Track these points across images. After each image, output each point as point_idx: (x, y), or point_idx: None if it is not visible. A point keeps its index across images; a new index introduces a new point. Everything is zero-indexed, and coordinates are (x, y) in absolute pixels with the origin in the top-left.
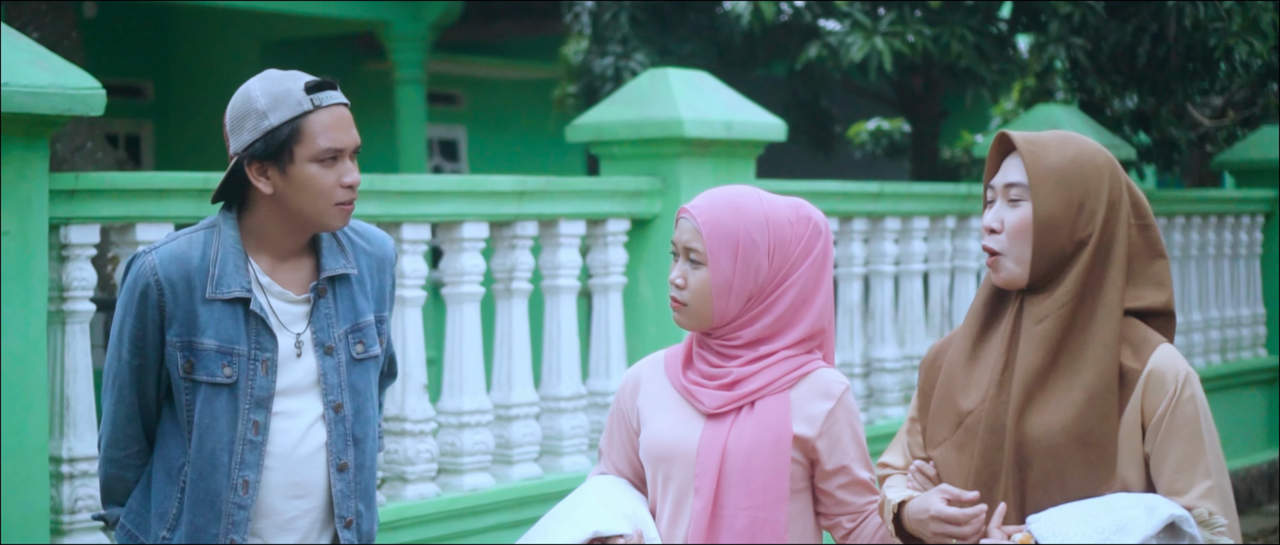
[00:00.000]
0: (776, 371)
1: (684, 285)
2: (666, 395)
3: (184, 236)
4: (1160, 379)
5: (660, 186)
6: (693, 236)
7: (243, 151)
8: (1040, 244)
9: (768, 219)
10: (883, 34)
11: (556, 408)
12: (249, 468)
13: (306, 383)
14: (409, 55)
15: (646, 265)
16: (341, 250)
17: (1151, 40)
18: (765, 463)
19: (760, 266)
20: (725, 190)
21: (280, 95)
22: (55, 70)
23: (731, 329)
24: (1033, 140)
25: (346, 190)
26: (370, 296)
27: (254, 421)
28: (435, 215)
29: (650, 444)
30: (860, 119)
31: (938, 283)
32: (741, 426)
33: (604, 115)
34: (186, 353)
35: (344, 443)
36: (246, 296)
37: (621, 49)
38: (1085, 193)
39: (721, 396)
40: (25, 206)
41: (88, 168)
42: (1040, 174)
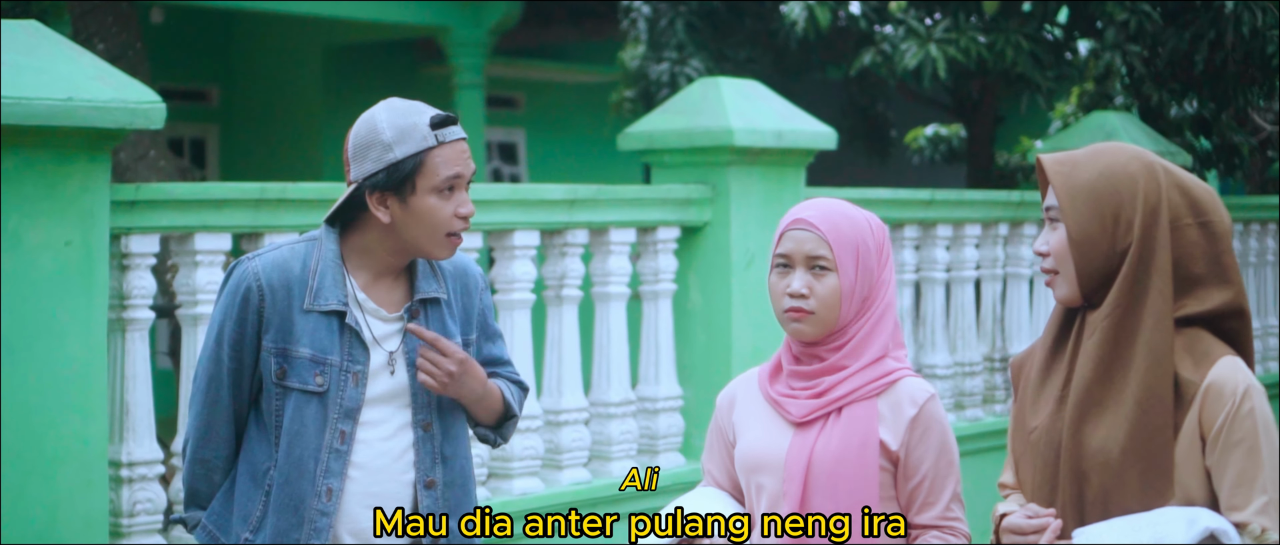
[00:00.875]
0: (863, 378)
1: (809, 294)
2: (759, 408)
3: (287, 246)
4: (1218, 392)
5: (710, 195)
6: (817, 245)
7: (365, 180)
8: (1081, 262)
9: (868, 223)
10: (937, 41)
11: (606, 413)
12: (334, 476)
13: (396, 398)
14: (468, 59)
15: (696, 272)
16: (434, 275)
17: (1209, 47)
18: (852, 468)
19: (872, 269)
20: (826, 200)
21: (407, 129)
22: (117, 85)
23: (840, 335)
24: (1062, 160)
25: (461, 221)
26: (458, 320)
27: (341, 431)
28: (487, 224)
29: (743, 456)
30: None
31: (990, 289)
32: (828, 434)
33: (655, 124)
34: (281, 359)
35: (432, 460)
36: (343, 309)
37: (677, 55)
38: (1119, 204)
39: (809, 405)
40: (88, 217)
41: (150, 176)
42: (1069, 193)
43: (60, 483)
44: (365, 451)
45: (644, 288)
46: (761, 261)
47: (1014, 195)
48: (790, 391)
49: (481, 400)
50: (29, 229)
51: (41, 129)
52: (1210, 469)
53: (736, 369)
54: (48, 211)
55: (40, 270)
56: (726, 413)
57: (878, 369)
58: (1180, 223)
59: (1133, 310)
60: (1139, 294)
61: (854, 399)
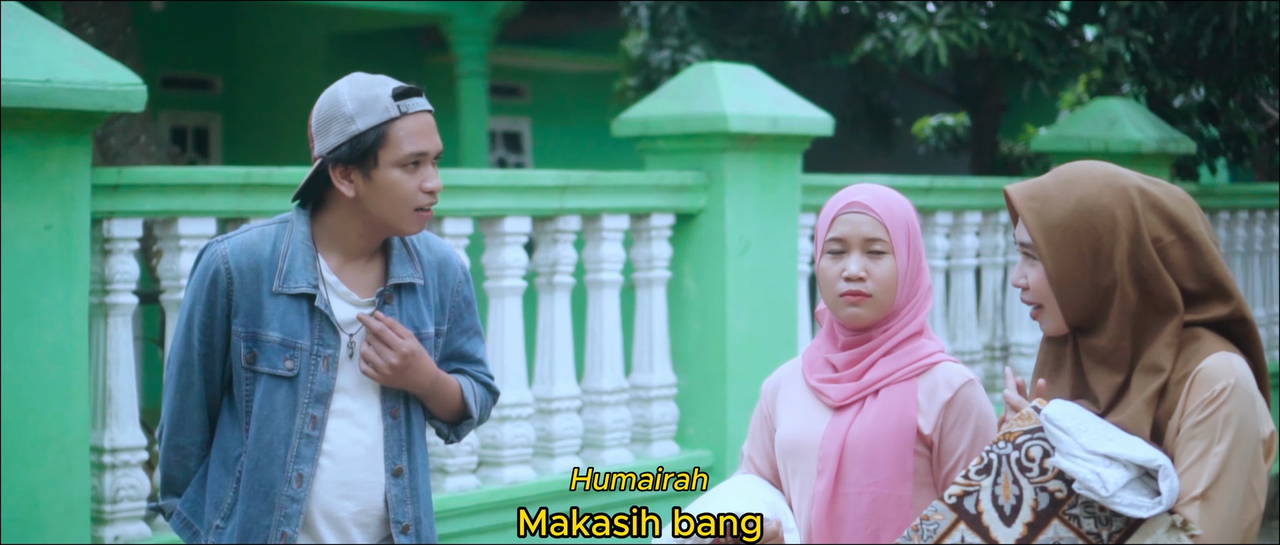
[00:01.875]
0: (901, 360)
1: (866, 277)
2: (800, 394)
3: (257, 229)
4: (1204, 380)
5: (705, 181)
6: (874, 227)
7: (328, 154)
8: (1064, 299)
9: (904, 206)
10: (938, 27)
11: (599, 401)
12: (304, 462)
13: (367, 385)
14: (471, 48)
15: (691, 259)
16: (411, 259)
17: (1213, 33)
18: (887, 444)
19: (920, 250)
20: (875, 185)
21: (368, 100)
22: (97, 67)
23: (889, 318)
24: (1032, 195)
25: (427, 196)
26: (432, 308)
27: (312, 416)
28: (478, 210)
29: (781, 440)
30: (922, 113)
31: (990, 277)
32: (865, 414)
33: (650, 109)
34: (250, 343)
35: (399, 448)
36: (312, 292)
37: (679, 42)
38: (1096, 240)
39: (847, 388)
40: (68, 201)
41: (141, 161)
42: (1043, 232)
43: (41, 469)
44: (338, 439)
45: (638, 275)
46: (756, 248)
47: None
48: (832, 377)
49: (431, 396)
50: (7, 212)
51: (19, 110)
52: (1173, 450)
53: (731, 357)
54: (26, 194)
55: (19, 254)
56: (770, 399)
57: (914, 350)
58: (1162, 243)
59: (1137, 337)
60: (1138, 326)
61: (891, 381)
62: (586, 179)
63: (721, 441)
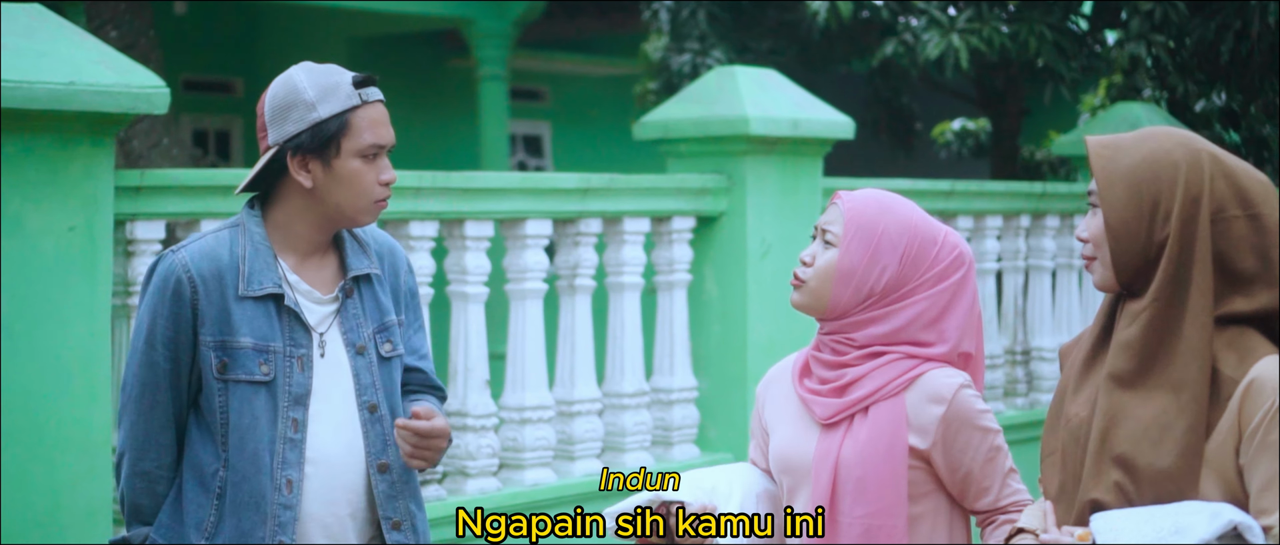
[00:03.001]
0: (888, 374)
1: (810, 263)
2: (789, 404)
3: (210, 235)
4: (1259, 389)
5: (726, 184)
6: (834, 218)
7: (286, 142)
8: (1116, 250)
9: (912, 226)
10: (959, 31)
11: (620, 404)
12: (292, 467)
13: (333, 384)
14: (492, 52)
15: (712, 263)
16: (363, 250)
17: (1235, 38)
18: (878, 470)
19: (888, 266)
20: (885, 192)
21: (329, 87)
22: (121, 69)
23: (845, 326)
24: (1106, 144)
25: (384, 188)
26: (389, 296)
27: (293, 419)
28: (499, 212)
29: (774, 455)
30: (943, 117)
31: (1011, 281)
32: (855, 435)
33: (671, 113)
34: (221, 353)
35: (382, 443)
36: (279, 292)
37: (699, 46)
38: (1157, 193)
39: (833, 404)
40: (91, 202)
41: (163, 163)
42: (1107, 179)
43: (62, 470)
44: (319, 441)
45: (659, 278)
46: (777, 252)
47: (1036, 187)
48: (816, 387)
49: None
50: (31, 214)
51: (43, 113)
52: (1243, 467)
53: (752, 360)
54: (50, 196)
55: (42, 255)
56: (762, 407)
57: (903, 364)
58: (1225, 214)
59: (1172, 304)
60: (1179, 287)
61: (879, 398)
62: (608, 182)
63: (742, 445)
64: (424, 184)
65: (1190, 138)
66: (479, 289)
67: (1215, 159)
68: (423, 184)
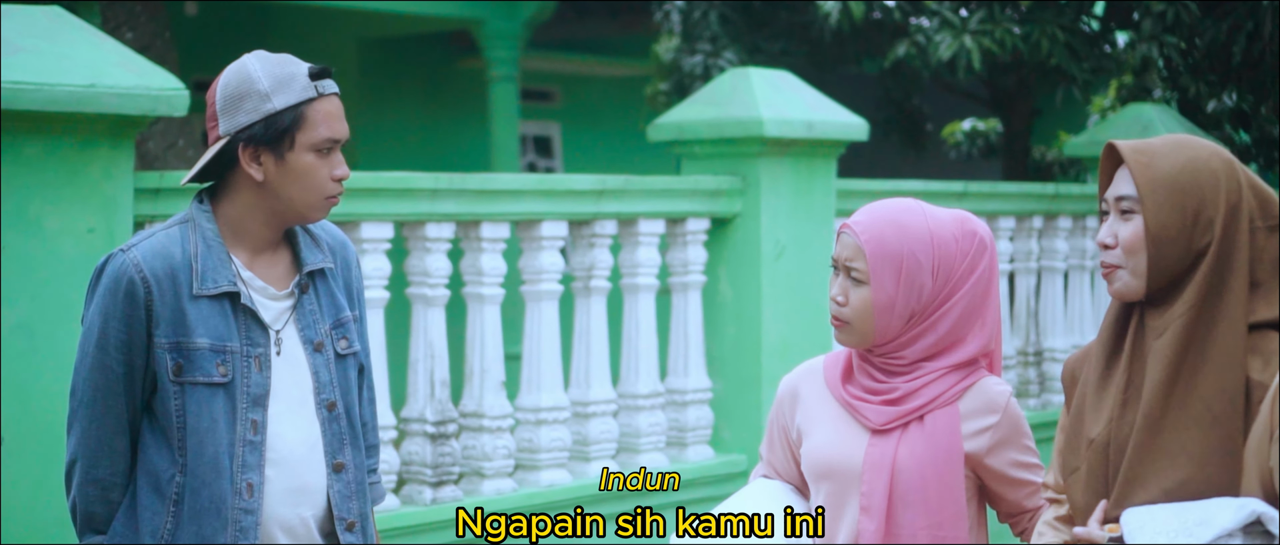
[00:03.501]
0: (943, 385)
1: (845, 302)
2: (828, 409)
3: (160, 232)
4: None
5: (740, 186)
6: (855, 254)
7: (238, 133)
8: (1156, 257)
9: (932, 236)
10: (972, 32)
11: (634, 405)
12: (252, 470)
13: (291, 383)
14: (503, 52)
15: (726, 264)
16: (316, 244)
17: (1247, 38)
18: (940, 478)
19: (924, 285)
20: (888, 205)
21: (284, 78)
22: (140, 71)
23: (894, 347)
24: (1141, 149)
25: (336, 184)
26: (343, 292)
27: (252, 420)
28: (515, 214)
29: (811, 458)
30: (954, 118)
31: (1024, 283)
32: (911, 442)
33: (685, 114)
34: (176, 354)
35: (339, 442)
36: (235, 291)
37: (711, 47)
38: (1201, 201)
39: (888, 412)
40: (110, 204)
41: (179, 166)
42: (1150, 184)
43: None
44: (279, 442)
45: (673, 279)
46: (792, 253)
47: (1048, 188)
48: (863, 396)
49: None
50: (51, 215)
51: (64, 115)
52: (1273, 468)
53: (766, 361)
54: (70, 198)
55: (62, 257)
56: (789, 407)
57: (956, 375)
58: (1254, 225)
59: (1208, 311)
60: (1215, 295)
61: (935, 406)
62: (622, 183)
63: (756, 446)
64: (441, 186)
65: (1218, 147)
66: (495, 290)
67: (1243, 170)
68: (439, 186)
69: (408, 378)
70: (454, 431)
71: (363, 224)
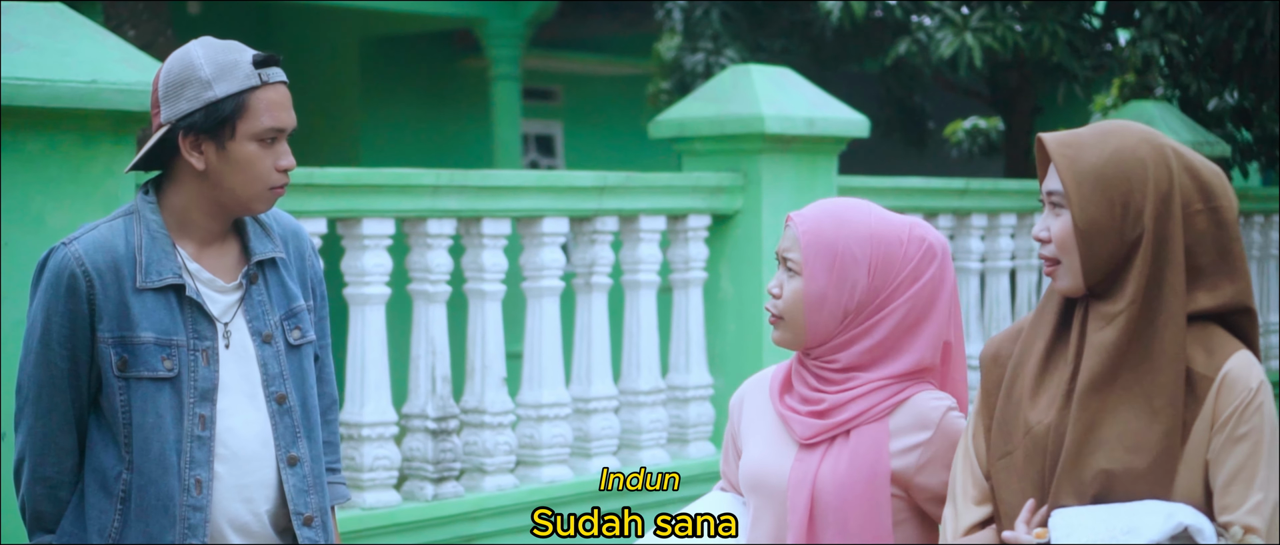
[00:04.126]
0: (874, 399)
1: (779, 294)
2: (766, 419)
3: (103, 224)
4: (1233, 383)
5: (741, 182)
6: (791, 244)
7: (178, 121)
8: (1086, 252)
9: (872, 234)
10: (973, 30)
11: (635, 402)
12: (200, 466)
13: (240, 376)
14: (505, 51)
15: (728, 261)
16: (267, 234)
17: (1248, 36)
18: (861, 499)
19: (858, 282)
20: (837, 202)
21: (227, 65)
22: (142, 68)
23: (828, 350)
24: (1067, 141)
25: (281, 174)
26: (296, 281)
27: (200, 416)
28: (516, 210)
29: (744, 472)
30: (955, 116)
31: (1025, 279)
32: (834, 459)
33: (687, 111)
34: (120, 349)
35: (292, 435)
36: (180, 283)
37: (712, 45)
38: (1128, 190)
39: (813, 425)
40: (112, 200)
41: None
42: (1075, 178)
43: None
44: (229, 437)
45: (674, 276)
46: None
47: None
48: (796, 406)
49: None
50: (53, 211)
51: (65, 111)
52: (1209, 461)
53: (767, 358)
54: (72, 194)
55: None
56: (737, 417)
57: (890, 389)
58: (1191, 209)
59: (1148, 304)
60: (1153, 287)
61: (863, 421)
62: (624, 180)
63: None
64: (442, 182)
65: (1151, 132)
66: (496, 287)
67: (1177, 153)
68: (440, 182)
69: (409, 374)
70: (455, 428)
71: (364, 220)
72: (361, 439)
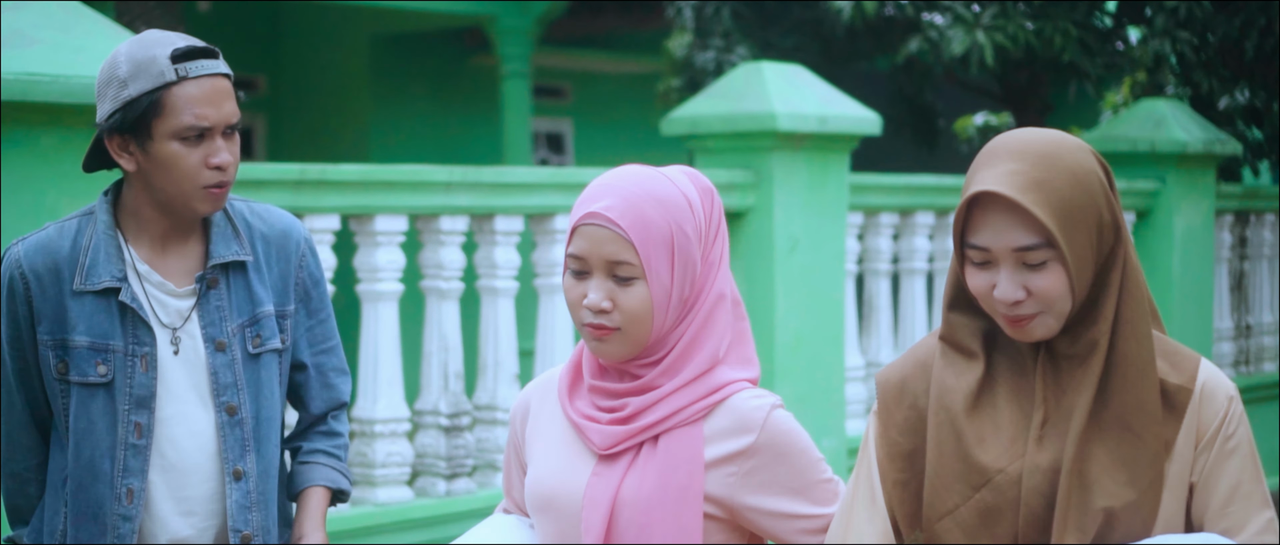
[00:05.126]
0: (686, 397)
1: (613, 308)
2: (555, 428)
3: (56, 225)
4: (1213, 394)
5: (753, 180)
6: (619, 247)
7: (103, 122)
8: (1080, 293)
9: (686, 198)
10: (984, 28)
11: None
12: (133, 475)
13: (188, 384)
14: (515, 49)
15: (739, 258)
16: (236, 235)
17: (1259, 35)
18: (670, 518)
19: (694, 261)
20: (624, 179)
21: (144, 62)
22: None
23: (660, 347)
24: (1027, 188)
25: (214, 172)
26: (269, 285)
27: (136, 423)
28: (529, 207)
29: (531, 489)
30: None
31: None
32: (640, 471)
33: (698, 108)
34: (59, 352)
35: (241, 448)
36: (117, 286)
37: (723, 43)
38: (1098, 211)
39: (614, 433)
40: None
41: None
42: (1058, 221)
43: None
44: (170, 448)
45: None
46: (805, 247)
47: None
48: (593, 412)
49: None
50: (67, 206)
51: (79, 107)
52: (1195, 482)
53: (779, 355)
54: (87, 190)
55: None
56: (520, 427)
57: (703, 385)
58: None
59: (1123, 320)
60: (1126, 297)
61: (673, 425)
62: None
63: None
64: (454, 179)
65: (1064, 135)
66: (509, 283)
67: (1091, 146)
68: (453, 179)
69: (422, 370)
70: (468, 424)
71: (377, 216)
72: (374, 435)
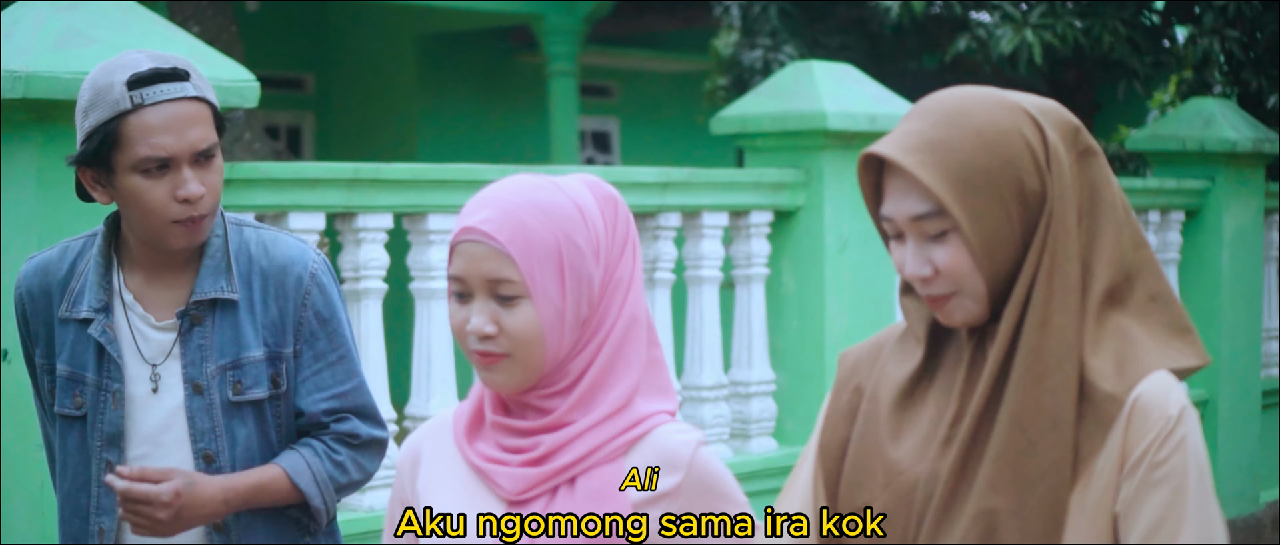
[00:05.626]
0: (604, 433)
1: (498, 332)
2: (454, 475)
3: (61, 245)
4: (1145, 412)
5: (804, 178)
6: (498, 263)
7: (71, 157)
8: (991, 270)
9: (578, 207)
10: (1033, 26)
11: (698, 397)
12: (106, 514)
13: (165, 427)
14: (562, 48)
15: (789, 256)
16: (227, 270)
17: None
18: None
19: (590, 276)
20: (505, 188)
21: (102, 89)
22: (211, 64)
23: (560, 375)
24: (916, 148)
25: (183, 205)
26: (260, 326)
27: (107, 461)
28: None
29: (432, 543)
30: None
31: None
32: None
33: (748, 107)
34: (49, 378)
35: None
36: (91, 317)
37: (770, 42)
38: (1016, 175)
39: (526, 476)
40: None
41: (245, 157)
42: (951, 186)
43: None
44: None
45: (737, 272)
46: (855, 246)
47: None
48: (499, 455)
49: (247, 508)
50: None
51: None
52: (1119, 511)
53: (829, 354)
54: None
55: None
56: (409, 476)
57: (622, 420)
58: (1075, 158)
59: (1038, 298)
60: (1044, 275)
61: (590, 466)
62: (687, 176)
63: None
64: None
65: (992, 92)
66: None
67: (1029, 99)
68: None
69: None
70: None
71: (430, 215)
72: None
